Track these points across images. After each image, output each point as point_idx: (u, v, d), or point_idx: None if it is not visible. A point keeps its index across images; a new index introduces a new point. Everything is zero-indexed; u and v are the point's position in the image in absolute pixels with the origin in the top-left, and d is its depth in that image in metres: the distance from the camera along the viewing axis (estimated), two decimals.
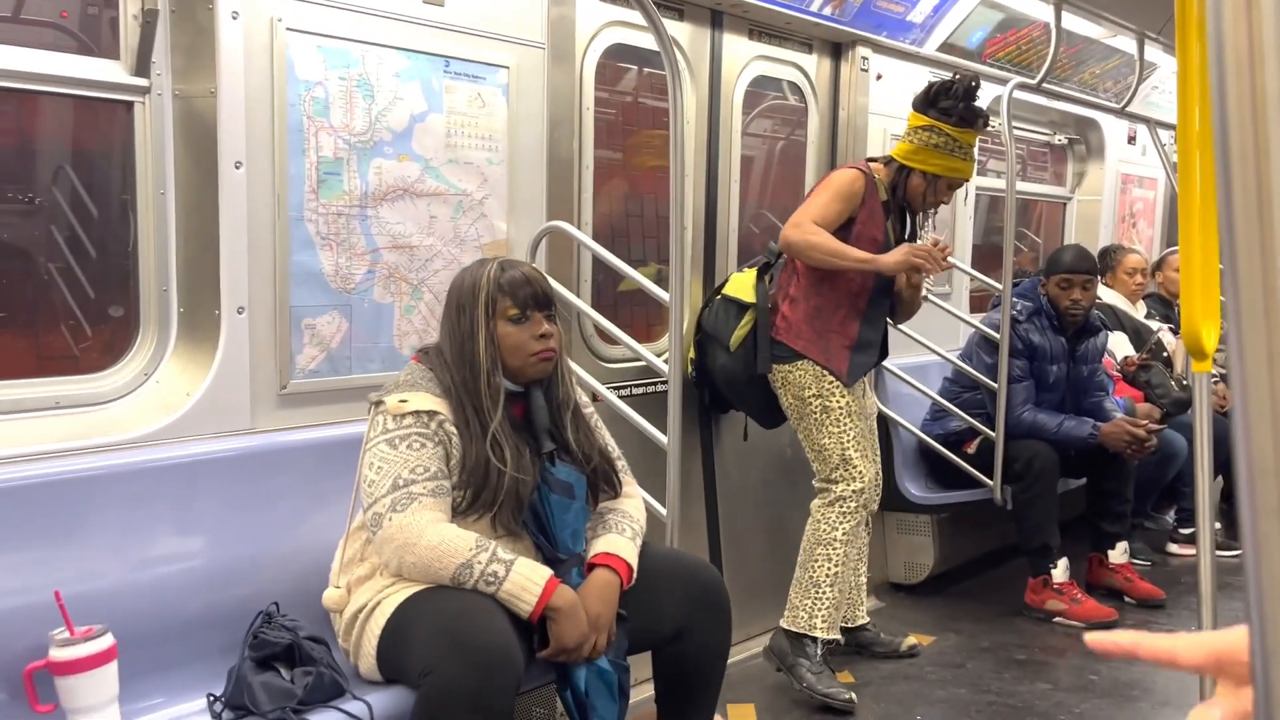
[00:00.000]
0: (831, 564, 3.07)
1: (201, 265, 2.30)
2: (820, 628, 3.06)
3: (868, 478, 3.10)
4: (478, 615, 1.90)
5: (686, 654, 2.17)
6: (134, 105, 2.27)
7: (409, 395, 2.07)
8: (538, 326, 2.12)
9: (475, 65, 2.67)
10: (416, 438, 2.04)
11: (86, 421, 2.19)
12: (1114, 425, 3.78)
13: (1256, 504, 0.37)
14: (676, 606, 2.15)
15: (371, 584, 2.06)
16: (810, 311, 3.09)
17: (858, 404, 3.14)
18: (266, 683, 1.92)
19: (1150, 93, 5.27)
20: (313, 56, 2.37)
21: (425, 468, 2.02)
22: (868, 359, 3.17)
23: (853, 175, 3.08)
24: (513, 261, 2.21)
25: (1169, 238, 6.35)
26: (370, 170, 2.49)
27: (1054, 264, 3.93)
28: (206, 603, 2.13)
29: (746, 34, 3.63)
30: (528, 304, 2.12)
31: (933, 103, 3.06)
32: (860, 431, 3.11)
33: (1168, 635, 0.64)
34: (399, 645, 1.95)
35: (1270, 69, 0.35)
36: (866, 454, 3.12)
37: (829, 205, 3.03)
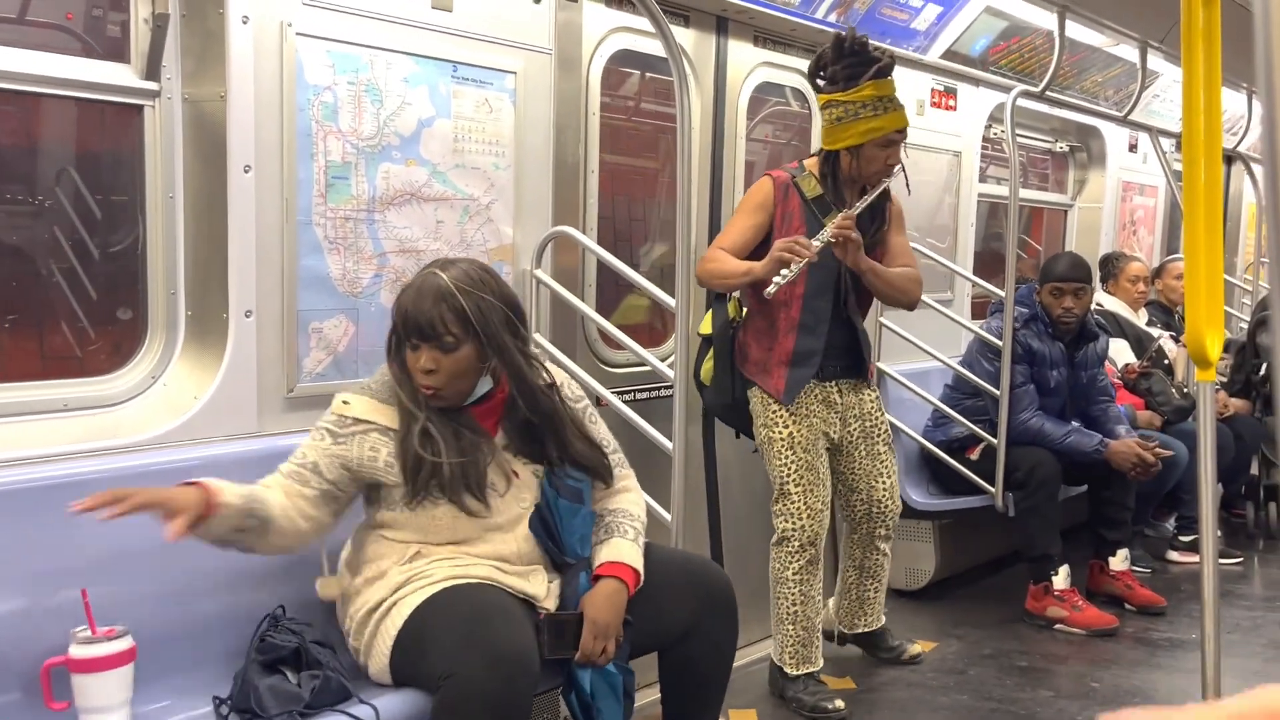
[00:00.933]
0: (789, 603, 3.01)
1: (210, 268, 2.30)
2: (789, 664, 3.03)
3: (804, 515, 2.95)
4: (496, 616, 1.90)
5: (693, 654, 2.18)
6: (144, 109, 2.28)
7: (353, 399, 2.09)
8: (420, 359, 2.02)
9: (483, 70, 2.68)
10: (324, 430, 2.07)
11: (94, 424, 2.19)
12: (1123, 444, 3.78)
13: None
14: (684, 607, 2.15)
15: (385, 583, 2.05)
16: (754, 335, 2.99)
17: (808, 433, 2.96)
18: (273, 686, 1.93)
19: (1152, 101, 5.29)
20: (322, 61, 2.37)
21: (304, 454, 2.06)
22: (805, 372, 2.95)
23: (759, 185, 2.97)
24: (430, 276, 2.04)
25: (1169, 245, 6.36)
26: (378, 175, 2.49)
27: (1046, 273, 3.93)
28: (213, 606, 2.13)
29: (751, 40, 3.64)
30: (409, 335, 2.03)
31: (816, 75, 2.89)
32: (804, 464, 2.95)
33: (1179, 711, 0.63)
34: (416, 649, 1.95)
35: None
36: (810, 488, 2.96)
37: (738, 224, 2.95)
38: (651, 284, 2.72)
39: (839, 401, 3.06)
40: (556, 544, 2.10)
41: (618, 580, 2.09)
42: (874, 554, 3.24)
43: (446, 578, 2.02)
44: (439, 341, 2.00)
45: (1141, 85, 4.84)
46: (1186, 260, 2.02)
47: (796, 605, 3.01)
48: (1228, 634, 3.59)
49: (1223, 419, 4.67)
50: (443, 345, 2.00)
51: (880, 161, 2.89)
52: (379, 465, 2.05)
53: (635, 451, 2.80)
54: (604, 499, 2.25)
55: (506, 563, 2.07)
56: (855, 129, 2.84)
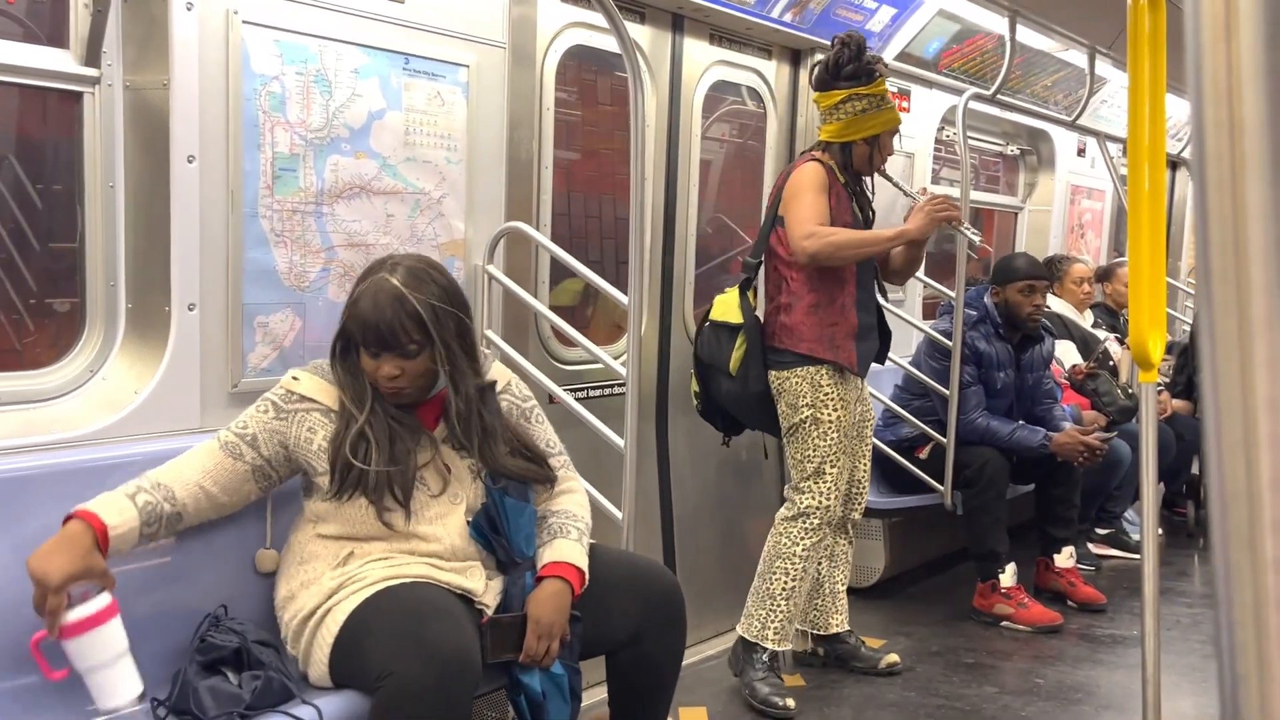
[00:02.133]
0: (789, 578, 3.05)
1: (151, 260, 2.25)
2: (771, 639, 3.06)
3: (833, 495, 3.05)
4: (434, 615, 1.88)
5: (642, 659, 2.17)
6: (83, 96, 2.22)
7: (303, 376, 2.10)
8: (385, 367, 2.01)
9: (435, 63, 2.65)
10: (271, 404, 2.07)
11: (29, 418, 2.13)
12: (1066, 435, 3.84)
13: (1228, 530, 0.38)
14: (632, 611, 2.14)
15: (318, 588, 2.02)
16: (808, 310, 3.03)
17: (849, 417, 3.08)
18: (213, 687, 1.89)
19: (1100, 106, 5.38)
20: (269, 50, 2.33)
21: (244, 423, 2.05)
22: (870, 345, 3.16)
23: (815, 166, 3.05)
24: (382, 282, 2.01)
25: (1117, 248, 6.48)
26: (327, 167, 2.45)
27: (1012, 272, 3.96)
28: (152, 606, 2.08)
29: (707, 38, 3.64)
30: (369, 345, 2.02)
31: (838, 75, 3.03)
32: (842, 448, 3.06)
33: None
34: (354, 651, 1.92)
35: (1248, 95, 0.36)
36: (843, 471, 3.07)
37: (817, 202, 2.99)
38: (605, 281, 2.71)
39: (858, 384, 3.19)
40: (504, 542, 2.08)
41: (561, 580, 2.07)
42: (844, 540, 3.29)
43: (381, 579, 1.99)
44: (402, 350, 2.00)
45: (1090, 91, 4.93)
46: (1130, 263, 2.05)
47: (796, 580, 3.06)
48: (1168, 630, 3.67)
49: (1164, 419, 4.76)
50: (405, 353, 2.00)
51: (890, 149, 3.15)
52: (312, 449, 2.04)
53: (587, 450, 2.79)
54: (548, 500, 2.23)
55: (441, 559, 2.05)
56: (879, 119, 3.06)
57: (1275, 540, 0.36)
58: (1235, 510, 0.38)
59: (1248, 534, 0.37)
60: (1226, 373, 0.37)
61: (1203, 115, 0.38)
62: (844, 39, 3.05)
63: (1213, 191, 0.38)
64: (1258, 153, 0.36)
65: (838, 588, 3.32)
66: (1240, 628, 0.38)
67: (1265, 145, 0.35)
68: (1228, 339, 0.37)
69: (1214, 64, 0.37)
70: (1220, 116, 0.37)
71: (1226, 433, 0.38)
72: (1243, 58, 0.36)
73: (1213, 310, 0.38)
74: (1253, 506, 0.37)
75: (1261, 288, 0.36)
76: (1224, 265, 0.37)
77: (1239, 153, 0.37)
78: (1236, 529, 0.38)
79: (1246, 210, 0.37)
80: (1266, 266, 0.36)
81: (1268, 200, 0.36)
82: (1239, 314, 0.37)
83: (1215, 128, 0.37)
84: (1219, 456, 0.38)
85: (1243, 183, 0.37)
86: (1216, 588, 0.39)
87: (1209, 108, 0.37)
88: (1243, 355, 0.37)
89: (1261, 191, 0.36)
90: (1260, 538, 0.37)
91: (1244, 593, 0.38)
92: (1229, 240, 0.37)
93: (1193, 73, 0.37)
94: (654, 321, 3.59)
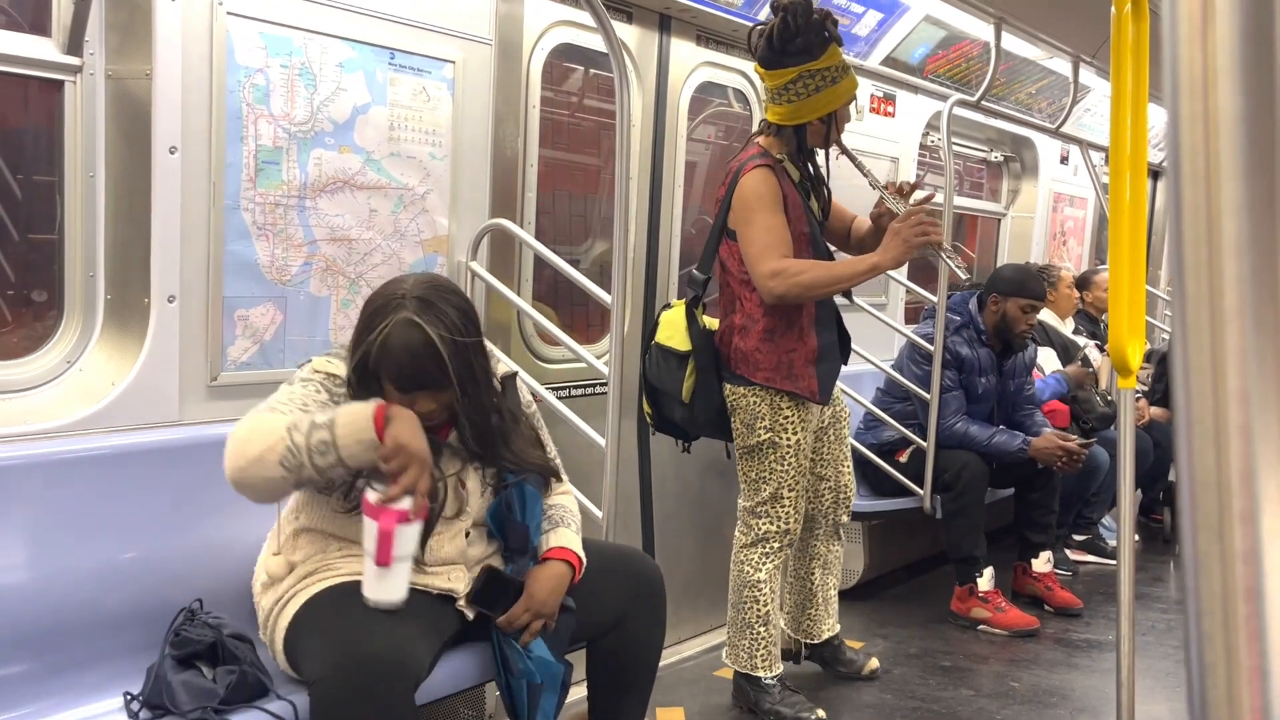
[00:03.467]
0: (760, 605, 2.91)
1: (131, 251, 2.24)
2: (761, 668, 2.94)
3: (793, 518, 2.90)
4: (373, 624, 1.84)
5: (624, 643, 2.17)
6: (64, 84, 2.20)
7: (336, 360, 2.01)
8: (421, 403, 1.94)
9: (421, 59, 2.64)
10: (315, 384, 1.96)
11: (4, 409, 2.11)
12: (1045, 440, 3.86)
13: (1197, 520, 0.38)
14: (616, 595, 2.16)
15: (293, 575, 2.01)
16: (763, 335, 2.78)
17: (808, 440, 2.88)
18: (187, 681, 1.87)
19: (1083, 115, 5.41)
20: (254, 42, 2.32)
21: (304, 403, 1.92)
22: (833, 366, 2.90)
23: (763, 177, 2.72)
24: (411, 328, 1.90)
25: (1098, 256, 6.53)
26: (310, 161, 2.44)
27: (1022, 289, 3.93)
28: (126, 598, 2.07)
29: (694, 39, 3.64)
30: (405, 386, 1.93)
31: (785, 50, 2.68)
32: (801, 470, 2.88)
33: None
34: (297, 648, 1.92)
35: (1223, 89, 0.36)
36: (802, 494, 2.91)
37: (774, 225, 2.70)
38: (589, 280, 2.71)
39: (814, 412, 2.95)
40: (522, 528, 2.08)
41: (565, 564, 2.09)
42: (835, 545, 3.20)
43: (348, 572, 1.97)
44: (436, 387, 1.94)
45: (1073, 99, 4.96)
46: (1111, 271, 2.07)
47: (768, 606, 2.91)
48: (1142, 636, 3.69)
49: (1141, 426, 4.80)
50: (439, 388, 1.94)
51: (847, 117, 2.85)
52: None
53: (569, 448, 2.78)
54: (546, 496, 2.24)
55: (422, 564, 2.02)
56: (835, 93, 2.73)
57: (1244, 531, 0.37)
58: (1205, 500, 0.38)
59: (1217, 524, 0.38)
60: (1198, 364, 0.38)
61: (1178, 109, 0.38)
62: (785, 3, 2.66)
63: (1187, 184, 0.38)
64: (1232, 147, 0.36)
65: (830, 594, 3.23)
66: (1208, 617, 0.38)
67: (1240, 139, 0.36)
68: (1200, 330, 0.38)
69: (1190, 58, 0.37)
70: (1195, 110, 0.37)
71: (1197, 423, 0.38)
72: (1219, 52, 0.37)
73: (1185, 302, 0.38)
74: (1222, 497, 0.37)
75: (1234, 280, 0.36)
76: (1197, 258, 0.38)
77: (1214, 147, 0.37)
78: (1206, 519, 0.38)
79: (1220, 204, 0.37)
80: (1239, 259, 0.36)
81: (1241, 194, 0.36)
82: (1211, 305, 0.37)
83: (1190, 121, 0.38)
84: (1189, 446, 0.39)
85: (1217, 176, 0.37)
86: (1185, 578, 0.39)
87: (1185, 102, 0.38)
88: (1214, 346, 0.37)
89: (1235, 185, 0.36)
90: (1229, 528, 0.37)
91: (1212, 583, 0.38)
92: (1202, 233, 0.38)
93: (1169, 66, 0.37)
94: (637, 321, 3.59)
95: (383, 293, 1.98)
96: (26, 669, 1.94)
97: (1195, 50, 0.37)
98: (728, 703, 3.06)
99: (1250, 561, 0.36)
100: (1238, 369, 0.36)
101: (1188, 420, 0.38)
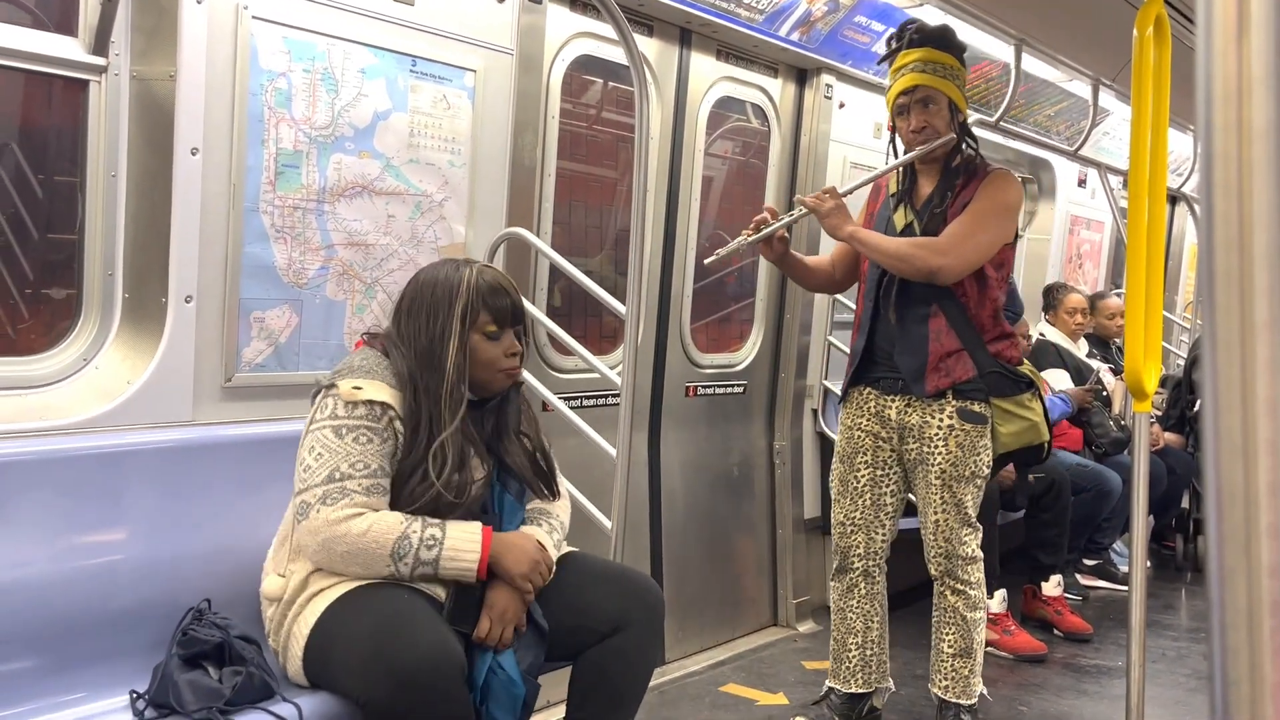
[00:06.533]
0: (834, 626, 3.01)
1: (150, 251, 2.25)
2: (829, 679, 3.04)
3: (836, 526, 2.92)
4: (402, 627, 1.82)
5: (615, 657, 2.05)
6: (89, 84, 2.22)
7: (364, 383, 1.98)
8: (510, 344, 2.08)
9: (442, 66, 2.66)
10: (365, 431, 1.96)
11: (20, 404, 2.12)
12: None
13: (1223, 533, 0.37)
14: (611, 603, 2.07)
15: (294, 581, 1.99)
16: None
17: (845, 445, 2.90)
18: (193, 681, 1.87)
19: (1101, 138, 5.41)
20: (277, 46, 2.34)
21: (366, 464, 1.94)
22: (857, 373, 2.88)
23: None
24: (489, 268, 2.12)
25: (1114, 280, 6.50)
26: (330, 165, 2.46)
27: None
28: (135, 597, 2.07)
29: (714, 54, 3.66)
30: (505, 319, 2.07)
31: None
32: (839, 474, 2.90)
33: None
34: (325, 659, 1.89)
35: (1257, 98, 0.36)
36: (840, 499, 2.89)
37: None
38: (604, 290, 2.71)
39: (895, 420, 2.83)
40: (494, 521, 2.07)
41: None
42: (940, 597, 2.93)
43: (358, 576, 1.95)
44: (521, 324, 2.11)
45: (1092, 122, 4.95)
46: (1128, 294, 2.06)
47: (837, 629, 3.01)
48: (1153, 663, 3.66)
49: (1156, 451, 4.77)
50: (521, 328, 2.11)
51: (904, 132, 2.79)
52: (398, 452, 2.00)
53: (580, 459, 2.79)
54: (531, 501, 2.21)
55: None
56: (889, 95, 2.83)
57: (1271, 545, 0.36)
58: (1231, 514, 0.38)
59: (1244, 538, 0.37)
60: (1227, 375, 0.37)
61: (1211, 117, 0.38)
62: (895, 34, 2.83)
63: (1219, 193, 0.38)
64: (1265, 156, 0.36)
65: (940, 646, 2.94)
66: (1233, 631, 0.38)
67: (1274, 148, 0.35)
68: (1229, 341, 0.37)
69: (1224, 67, 0.37)
70: (1229, 119, 0.37)
71: (1225, 435, 0.38)
72: (1253, 61, 0.36)
73: (1215, 312, 0.38)
74: (1249, 510, 0.37)
75: (1265, 290, 0.36)
76: (1228, 267, 0.37)
77: (1246, 156, 0.37)
78: (1232, 533, 0.38)
79: (1252, 213, 0.37)
80: (1270, 270, 0.36)
81: (1274, 203, 0.36)
82: (1241, 316, 0.37)
83: (1224, 130, 0.37)
84: (1217, 459, 0.38)
85: (1249, 185, 0.37)
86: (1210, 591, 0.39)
87: (1218, 110, 0.37)
88: (1244, 358, 0.37)
89: (1268, 195, 0.36)
90: (1257, 542, 0.36)
91: (1238, 597, 0.37)
92: (1233, 242, 0.37)
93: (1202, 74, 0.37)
94: (650, 332, 3.59)
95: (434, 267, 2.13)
96: (35, 665, 1.94)
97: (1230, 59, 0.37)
98: (732, 719, 3.04)
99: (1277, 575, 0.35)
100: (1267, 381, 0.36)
101: (1215, 432, 0.38)
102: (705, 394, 3.80)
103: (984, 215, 2.72)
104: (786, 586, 3.98)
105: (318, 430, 1.97)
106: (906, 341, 2.77)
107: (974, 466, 2.78)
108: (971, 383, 2.74)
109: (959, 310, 2.74)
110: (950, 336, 2.73)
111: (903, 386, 2.80)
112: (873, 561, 2.94)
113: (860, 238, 2.73)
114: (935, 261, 2.67)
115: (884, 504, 2.89)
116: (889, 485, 2.89)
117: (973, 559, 2.85)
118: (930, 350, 2.74)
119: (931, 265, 2.67)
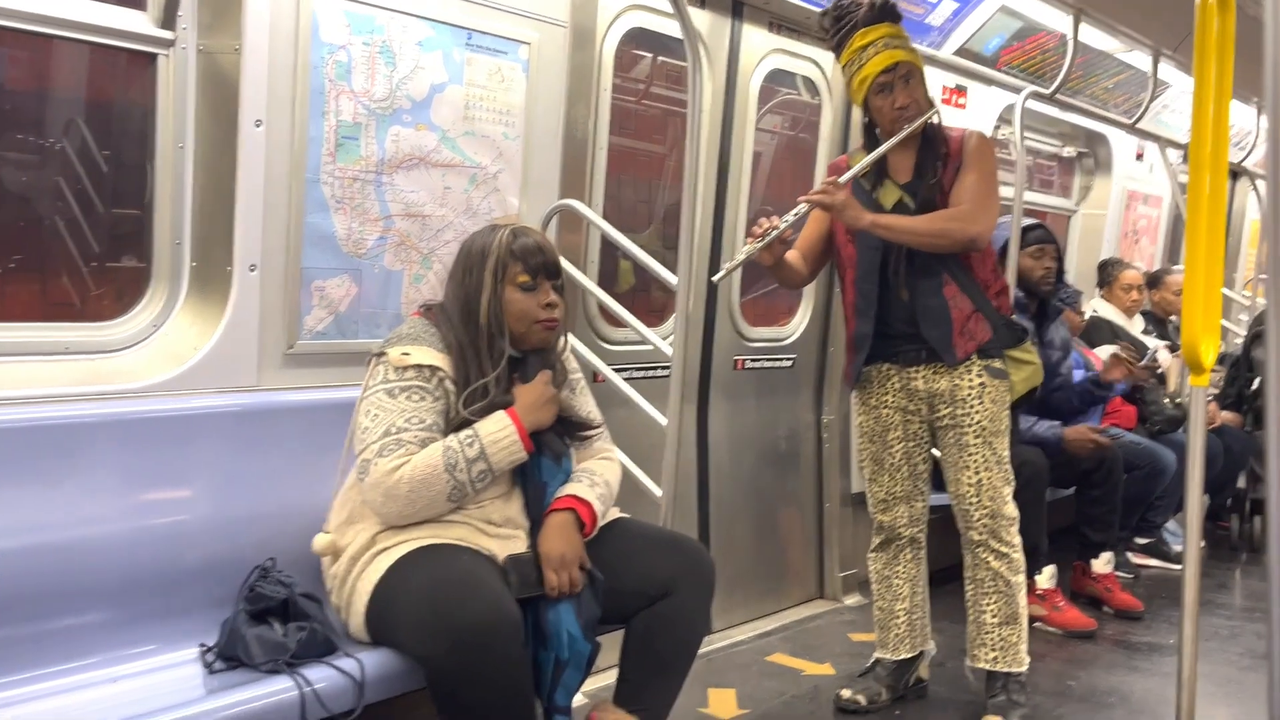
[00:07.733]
0: (877, 597, 3.10)
1: (216, 221, 2.31)
2: (878, 650, 3.10)
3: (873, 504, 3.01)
4: (461, 589, 1.87)
5: (665, 621, 2.11)
6: (157, 57, 2.28)
7: (411, 348, 2.09)
8: (545, 295, 2.15)
9: (497, 40, 2.68)
10: (417, 390, 2.06)
11: (93, 368, 2.20)
12: (1076, 431, 3.93)
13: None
14: (662, 565, 2.13)
15: (360, 540, 2.05)
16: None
17: (871, 424, 2.94)
18: (260, 635, 1.95)
19: (1161, 111, 5.29)
20: (338, 20, 2.38)
21: (420, 419, 2.04)
22: (862, 357, 2.88)
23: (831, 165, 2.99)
24: (525, 229, 2.21)
25: (1172, 257, 6.38)
26: (388, 137, 2.50)
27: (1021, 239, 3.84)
28: (203, 555, 2.14)
29: (766, 26, 3.64)
30: (538, 271, 2.14)
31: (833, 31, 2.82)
32: (869, 454, 2.97)
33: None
34: (386, 616, 1.96)
35: None
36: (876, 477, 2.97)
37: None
38: (655, 261, 2.72)
39: (923, 389, 2.85)
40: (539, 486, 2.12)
41: (566, 511, 2.09)
42: (977, 567, 2.93)
43: (419, 537, 2.02)
44: (559, 280, 2.18)
45: (1152, 94, 4.85)
46: (1187, 268, 2.03)
47: (879, 599, 3.09)
48: (1205, 641, 3.62)
49: (1212, 430, 4.69)
50: (559, 285, 2.18)
51: (887, 110, 2.74)
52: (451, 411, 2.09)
53: (631, 428, 2.82)
54: (580, 460, 2.26)
55: (490, 524, 2.07)
56: (854, 86, 2.79)
57: None
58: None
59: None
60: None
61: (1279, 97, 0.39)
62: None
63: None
64: None
65: (981, 617, 2.95)
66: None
67: None
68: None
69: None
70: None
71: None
72: None
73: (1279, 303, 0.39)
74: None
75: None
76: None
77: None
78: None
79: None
80: None
81: None
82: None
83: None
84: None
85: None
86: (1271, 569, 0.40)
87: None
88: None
89: None
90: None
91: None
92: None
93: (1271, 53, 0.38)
94: (699, 307, 3.60)
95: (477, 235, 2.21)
96: (107, 618, 2.02)
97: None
98: (779, 687, 3.08)
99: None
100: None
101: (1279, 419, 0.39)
102: (753, 367, 3.81)
103: (989, 175, 2.80)
104: (833, 559, 3.99)
105: (371, 395, 2.07)
106: (927, 314, 2.80)
107: (1005, 420, 2.87)
108: (990, 341, 2.82)
109: (966, 274, 2.81)
110: (964, 300, 2.80)
111: (926, 356, 2.83)
112: (917, 528, 3.04)
113: (885, 223, 2.72)
114: (972, 229, 2.72)
115: (919, 473, 2.99)
116: (920, 454, 2.98)
117: (1013, 519, 2.91)
118: (953, 318, 2.79)
119: (970, 233, 2.72)
